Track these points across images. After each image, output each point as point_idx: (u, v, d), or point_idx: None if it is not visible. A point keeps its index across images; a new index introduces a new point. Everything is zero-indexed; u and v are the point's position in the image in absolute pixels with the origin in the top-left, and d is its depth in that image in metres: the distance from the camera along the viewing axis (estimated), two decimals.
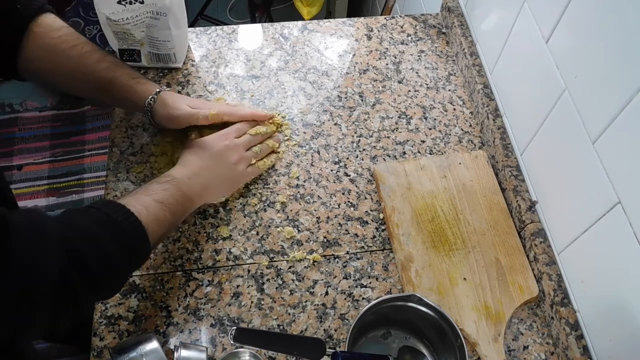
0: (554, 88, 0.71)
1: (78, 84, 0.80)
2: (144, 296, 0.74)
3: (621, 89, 0.57)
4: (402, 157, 0.89)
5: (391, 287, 0.77)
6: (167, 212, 0.66)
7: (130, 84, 0.80)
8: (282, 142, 0.90)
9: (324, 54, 1.02)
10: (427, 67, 1.01)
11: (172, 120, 0.81)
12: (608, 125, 0.60)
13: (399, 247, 0.79)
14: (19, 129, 2.10)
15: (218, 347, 0.71)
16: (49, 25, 0.75)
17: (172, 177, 0.72)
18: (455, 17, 1.02)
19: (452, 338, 0.65)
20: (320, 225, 0.82)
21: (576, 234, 0.69)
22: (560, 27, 0.69)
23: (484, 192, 0.84)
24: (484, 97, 0.91)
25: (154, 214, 0.64)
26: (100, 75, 0.78)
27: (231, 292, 0.75)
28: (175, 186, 0.71)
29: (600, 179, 0.62)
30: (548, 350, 0.73)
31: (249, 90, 0.96)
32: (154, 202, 0.66)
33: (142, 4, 0.84)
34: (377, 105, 0.95)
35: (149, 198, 0.66)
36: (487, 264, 0.77)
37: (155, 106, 0.80)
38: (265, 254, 0.79)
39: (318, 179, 0.86)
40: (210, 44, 1.02)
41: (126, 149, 0.88)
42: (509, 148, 0.85)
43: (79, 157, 2.05)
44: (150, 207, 0.64)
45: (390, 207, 0.82)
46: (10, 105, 2.15)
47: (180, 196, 0.70)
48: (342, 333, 0.73)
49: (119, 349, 0.64)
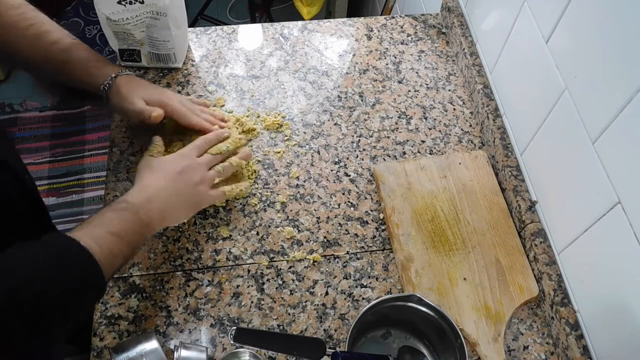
0: (554, 88, 0.71)
1: (34, 63, 0.78)
2: (144, 296, 0.74)
3: (621, 89, 0.57)
4: (402, 157, 0.89)
5: (391, 287, 0.77)
6: (124, 245, 0.62)
7: (85, 67, 0.78)
8: (254, 157, 0.85)
9: (324, 54, 1.02)
10: (427, 67, 1.01)
11: (123, 113, 0.79)
12: (608, 125, 0.60)
13: (399, 247, 0.79)
14: (19, 129, 2.10)
15: (218, 347, 0.71)
16: (7, 2, 0.74)
17: (129, 203, 0.66)
18: (455, 17, 1.02)
19: (452, 338, 0.65)
20: (320, 225, 0.82)
21: (576, 234, 0.69)
22: (560, 27, 0.69)
23: (484, 192, 0.84)
24: (484, 97, 0.91)
25: (108, 249, 0.59)
26: (55, 57, 0.76)
27: (231, 292, 0.75)
28: (132, 214, 0.65)
29: (600, 179, 0.62)
30: (548, 350, 0.73)
31: (249, 90, 0.96)
32: (109, 235, 0.61)
33: (142, 4, 0.84)
34: (377, 105, 0.95)
35: (103, 231, 0.60)
36: (487, 264, 0.77)
37: (109, 93, 0.78)
38: (265, 254, 0.79)
39: (318, 179, 0.86)
40: (210, 44, 1.02)
41: (126, 149, 0.88)
42: (509, 148, 0.85)
43: (79, 157, 2.05)
44: (105, 241, 0.59)
45: (390, 207, 0.82)
46: (10, 105, 2.15)
47: (138, 225, 0.65)
48: (342, 333, 0.73)
49: (119, 349, 0.64)
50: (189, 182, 0.73)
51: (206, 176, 0.75)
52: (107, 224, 0.62)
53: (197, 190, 0.74)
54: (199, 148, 0.77)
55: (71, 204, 1.95)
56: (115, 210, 0.65)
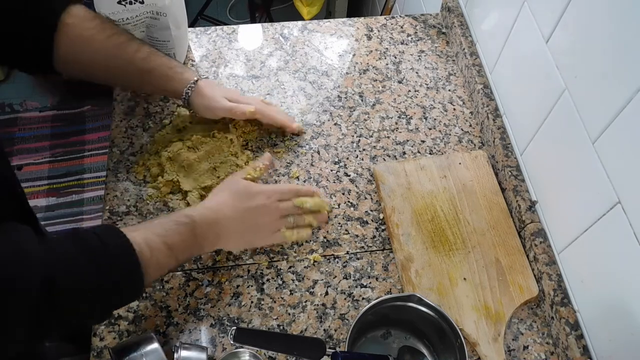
0: (554, 88, 0.71)
1: (115, 74, 0.79)
2: (144, 296, 0.74)
3: (621, 89, 0.57)
4: (402, 157, 0.89)
5: (391, 287, 0.77)
6: (172, 258, 0.63)
7: (168, 74, 0.79)
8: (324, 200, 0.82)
9: (324, 54, 1.02)
10: (427, 67, 1.01)
11: (210, 111, 0.82)
12: (608, 125, 0.60)
13: (399, 247, 0.79)
14: (19, 129, 2.10)
15: (218, 347, 0.71)
16: (82, 16, 0.73)
17: (192, 219, 0.66)
18: (455, 17, 1.02)
19: (452, 338, 0.65)
20: (320, 225, 0.82)
21: (576, 234, 0.69)
22: (560, 27, 0.69)
23: (484, 192, 0.84)
24: (484, 97, 0.91)
25: (156, 259, 0.60)
26: (138, 66, 0.77)
27: (231, 292, 0.75)
28: (190, 230, 0.65)
29: (600, 179, 0.62)
30: (548, 350, 0.73)
31: (249, 90, 0.96)
32: (163, 245, 0.61)
33: (142, 4, 0.84)
34: (377, 105, 0.95)
35: (159, 240, 0.61)
36: (487, 264, 0.77)
37: (192, 96, 0.81)
38: (265, 254, 0.79)
39: (318, 179, 0.86)
40: (210, 44, 1.02)
41: (126, 149, 0.88)
42: (509, 148, 0.85)
43: (79, 157, 2.06)
44: (156, 250, 0.60)
45: (390, 207, 0.82)
46: (10, 105, 2.15)
47: (192, 241, 0.66)
48: (342, 333, 0.73)
49: (119, 349, 0.64)
50: (258, 222, 0.73)
51: (277, 222, 0.75)
52: (163, 233, 0.62)
53: (261, 231, 0.74)
54: (284, 194, 0.76)
55: (71, 204, 1.95)
56: (177, 222, 0.65)
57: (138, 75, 0.78)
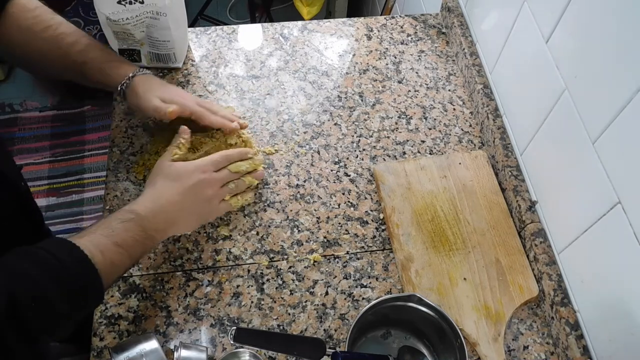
0: (554, 88, 0.71)
1: (51, 65, 0.78)
2: (144, 296, 0.74)
3: (621, 89, 0.57)
4: (402, 157, 0.89)
5: (391, 287, 0.77)
6: (125, 256, 0.62)
7: (102, 68, 0.78)
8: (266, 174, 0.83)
9: (324, 54, 1.02)
10: (427, 67, 1.01)
11: (140, 111, 0.79)
12: (608, 125, 0.60)
13: (399, 247, 0.79)
14: (19, 129, 2.10)
15: (218, 347, 0.71)
16: (24, 5, 0.73)
17: (136, 214, 0.66)
18: (455, 17, 1.02)
19: (452, 338, 0.65)
20: (320, 225, 0.82)
21: (576, 234, 0.69)
22: (560, 27, 0.69)
23: (484, 192, 0.84)
24: (484, 97, 0.91)
25: (110, 259, 0.60)
26: (73, 59, 0.76)
27: (231, 292, 0.75)
28: (138, 225, 0.65)
29: (600, 179, 0.62)
30: (548, 350, 0.73)
31: (249, 90, 0.96)
32: (113, 245, 0.61)
33: (142, 4, 0.84)
34: (377, 105, 0.95)
35: (107, 241, 0.61)
36: (487, 264, 0.77)
37: (127, 92, 0.78)
38: (265, 254, 0.79)
39: (318, 179, 0.86)
40: (210, 44, 1.02)
41: (126, 149, 0.88)
42: (509, 148, 0.85)
43: (79, 157, 2.06)
44: (107, 251, 0.60)
45: (390, 207, 0.82)
46: (10, 105, 2.15)
47: (141, 236, 0.65)
48: (342, 333, 0.73)
49: (119, 349, 0.64)
50: (201, 197, 0.73)
51: (219, 192, 0.75)
52: (111, 234, 0.62)
53: (207, 205, 0.74)
54: (218, 163, 0.76)
55: (71, 204, 1.95)
56: (122, 220, 0.64)
57: (73, 68, 0.77)
